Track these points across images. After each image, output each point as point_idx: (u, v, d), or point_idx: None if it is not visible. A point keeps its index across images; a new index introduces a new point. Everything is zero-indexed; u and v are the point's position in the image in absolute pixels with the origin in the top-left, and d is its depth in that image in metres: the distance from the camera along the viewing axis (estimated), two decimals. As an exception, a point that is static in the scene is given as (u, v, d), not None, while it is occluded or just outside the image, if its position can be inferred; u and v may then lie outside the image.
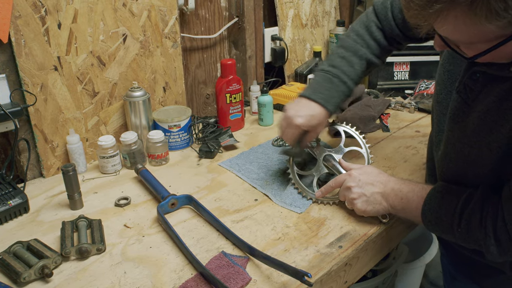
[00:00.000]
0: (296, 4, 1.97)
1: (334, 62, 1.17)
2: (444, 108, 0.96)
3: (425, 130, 1.56)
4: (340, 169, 1.16)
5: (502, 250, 0.83)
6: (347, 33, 1.21)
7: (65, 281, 0.91)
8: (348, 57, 1.16)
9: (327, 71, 1.16)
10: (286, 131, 1.13)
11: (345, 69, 1.15)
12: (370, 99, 1.70)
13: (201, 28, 1.72)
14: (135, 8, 1.37)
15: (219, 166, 1.37)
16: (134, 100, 1.39)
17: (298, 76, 1.97)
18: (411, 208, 0.97)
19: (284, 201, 1.16)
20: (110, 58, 1.36)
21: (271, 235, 1.04)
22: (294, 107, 1.14)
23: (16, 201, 1.12)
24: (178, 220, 1.11)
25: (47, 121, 1.27)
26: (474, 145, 0.86)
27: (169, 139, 1.45)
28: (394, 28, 1.15)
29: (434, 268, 2.04)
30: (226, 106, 1.57)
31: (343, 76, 1.15)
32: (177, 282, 0.90)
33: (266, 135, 1.57)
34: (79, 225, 1.05)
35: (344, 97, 1.17)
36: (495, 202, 0.83)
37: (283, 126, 1.14)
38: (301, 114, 1.11)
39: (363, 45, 1.17)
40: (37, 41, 1.20)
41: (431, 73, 1.90)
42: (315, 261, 0.96)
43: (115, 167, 1.34)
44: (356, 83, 1.18)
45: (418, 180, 1.23)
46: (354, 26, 1.21)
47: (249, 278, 0.89)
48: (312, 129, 1.13)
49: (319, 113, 1.12)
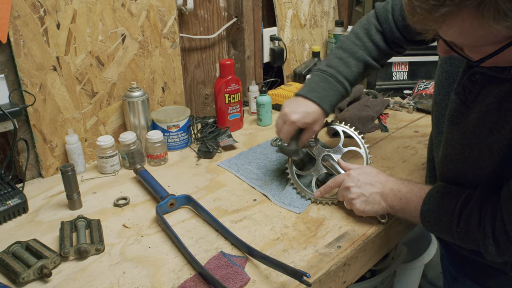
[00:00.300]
0: (295, 5, 1.97)
1: (331, 62, 1.18)
2: (443, 109, 0.96)
3: (423, 130, 1.57)
4: (339, 169, 1.16)
5: (500, 251, 0.83)
6: (347, 35, 1.22)
7: (64, 281, 0.91)
8: (345, 58, 1.17)
9: (323, 70, 1.17)
10: (283, 128, 1.14)
11: (341, 70, 1.16)
12: (369, 99, 1.71)
13: (200, 28, 1.72)
14: (134, 8, 1.37)
15: (218, 166, 1.37)
16: (133, 100, 1.39)
17: (296, 76, 1.97)
18: (410, 208, 0.97)
19: (283, 201, 1.16)
20: (109, 58, 1.36)
21: (270, 235, 1.04)
22: (290, 104, 1.15)
23: (15, 201, 1.12)
24: (177, 220, 1.11)
25: (46, 121, 1.27)
26: (474, 146, 0.86)
27: (168, 139, 1.46)
28: (395, 31, 1.15)
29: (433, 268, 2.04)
30: (225, 106, 1.57)
31: (339, 76, 1.16)
32: (176, 282, 0.90)
33: (265, 135, 1.58)
34: (78, 225, 1.05)
35: (340, 97, 1.18)
36: (494, 202, 0.84)
37: (279, 123, 1.15)
38: (297, 111, 1.12)
39: (361, 48, 1.18)
40: (36, 41, 1.20)
41: (430, 73, 1.90)
42: (314, 261, 0.96)
43: (114, 167, 1.34)
44: (353, 84, 1.19)
45: (417, 180, 1.24)
46: (354, 29, 1.21)
47: (247, 278, 0.90)
48: (307, 126, 1.13)
49: (314, 111, 1.13)
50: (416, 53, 1.87)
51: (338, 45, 1.21)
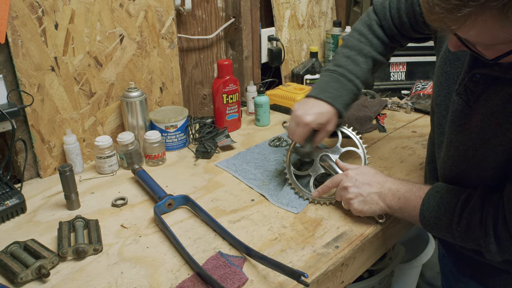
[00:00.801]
0: (293, 5, 1.97)
1: (339, 61, 1.17)
2: (444, 110, 0.95)
3: (421, 131, 1.57)
4: (336, 169, 1.16)
5: (501, 249, 0.83)
6: (350, 33, 1.21)
7: (62, 281, 0.91)
8: (353, 56, 1.16)
9: (332, 70, 1.16)
10: (296, 130, 1.13)
11: (350, 68, 1.15)
12: (367, 99, 1.71)
13: (198, 28, 1.72)
14: (132, 9, 1.37)
15: (215, 166, 1.37)
16: (131, 100, 1.39)
17: (294, 77, 1.97)
18: (408, 208, 0.97)
19: (281, 201, 1.16)
20: (107, 58, 1.36)
21: (268, 235, 1.04)
22: (302, 106, 1.13)
23: (13, 201, 1.12)
24: (175, 220, 1.11)
25: (44, 121, 1.27)
26: (478, 148, 0.85)
27: (166, 140, 1.46)
28: (393, 28, 1.16)
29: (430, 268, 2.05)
30: (223, 107, 1.57)
31: (349, 75, 1.15)
32: (173, 282, 0.90)
33: (263, 136, 1.58)
34: (76, 225, 1.05)
35: (353, 95, 1.16)
36: (495, 201, 0.84)
37: (292, 126, 1.14)
38: (310, 112, 1.10)
39: (367, 44, 1.17)
40: (34, 41, 1.20)
41: (428, 73, 1.90)
42: (312, 261, 0.96)
43: (112, 167, 1.34)
44: (363, 81, 1.17)
45: (415, 180, 1.24)
46: (356, 26, 1.21)
47: (245, 278, 0.90)
48: (321, 127, 1.13)
49: (327, 111, 1.12)
50: (414, 54, 1.87)
51: (343, 44, 1.20)
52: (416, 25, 1.11)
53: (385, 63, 1.22)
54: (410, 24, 1.12)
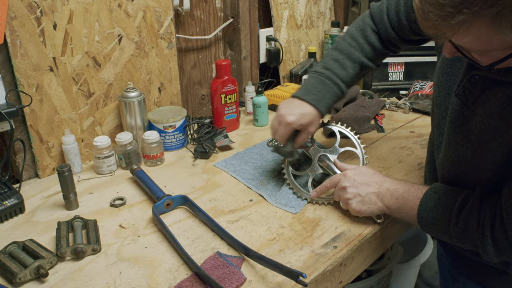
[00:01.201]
0: (291, 5, 1.97)
1: (328, 64, 1.18)
2: (443, 111, 0.95)
3: (419, 131, 1.57)
4: (335, 169, 1.16)
5: (498, 250, 0.83)
6: (343, 36, 1.22)
7: (60, 281, 0.91)
8: (341, 60, 1.17)
9: (320, 72, 1.17)
10: (278, 129, 1.14)
11: (337, 72, 1.16)
12: (365, 99, 1.71)
13: (196, 28, 1.72)
14: (130, 9, 1.37)
15: (214, 166, 1.37)
16: (129, 100, 1.39)
17: (293, 77, 1.97)
18: (406, 208, 0.98)
19: (279, 202, 1.17)
20: (106, 58, 1.36)
21: (266, 236, 1.04)
22: (286, 106, 1.15)
23: (12, 201, 1.12)
24: (173, 220, 1.11)
25: (43, 121, 1.27)
26: (477, 149, 0.85)
27: (164, 140, 1.46)
28: (390, 31, 1.15)
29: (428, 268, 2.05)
30: (221, 107, 1.57)
31: (335, 78, 1.16)
32: (172, 282, 0.90)
33: (261, 136, 1.58)
34: (75, 225, 1.05)
35: (336, 98, 1.18)
36: (493, 202, 0.84)
37: (275, 124, 1.15)
38: (293, 113, 1.12)
39: (357, 49, 1.18)
40: (32, 41, 1.20)
41: (426, 73, 1.91)
42: (310, 261, 0.96)
43: (111, 167, 1.34)
44: (349, 85, 1.19)
45: (413, 180, 1.24)
46: (349, 29, 1.21)
47: (244, 278, 0.90)
48: (303, 128, 1.14)
49: (310, 113, 1.13)
50: (412, 54, 1.88)
51: (334, 46, 1.21)
52: (415, 27, 1.11)
53: (374, 68, 1.23)
54: (410, 26, 1.12)
